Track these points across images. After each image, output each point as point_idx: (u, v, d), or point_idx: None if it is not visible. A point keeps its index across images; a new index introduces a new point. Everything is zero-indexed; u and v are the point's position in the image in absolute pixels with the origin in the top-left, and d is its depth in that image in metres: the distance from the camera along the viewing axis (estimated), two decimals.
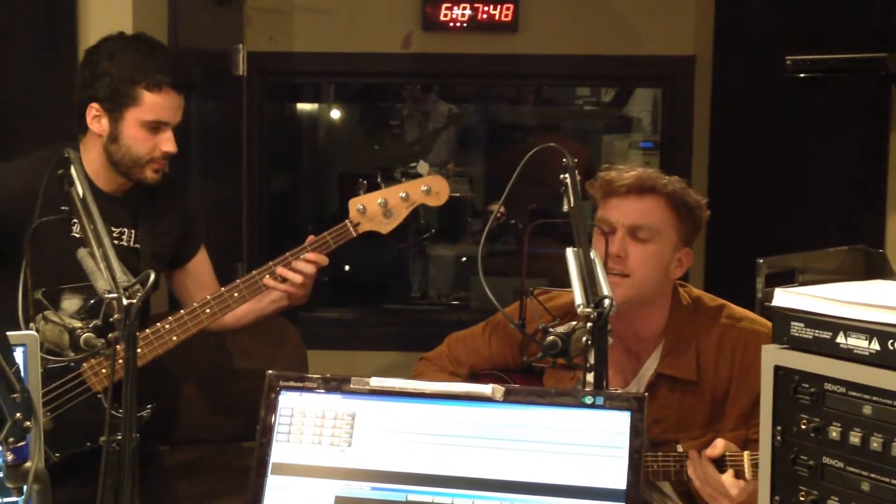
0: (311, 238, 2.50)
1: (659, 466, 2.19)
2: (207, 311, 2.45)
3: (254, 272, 2.48)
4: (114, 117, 2.42)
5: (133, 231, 2.53)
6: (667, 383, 2.28)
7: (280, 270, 2.47)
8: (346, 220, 2.49)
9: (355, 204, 2.49)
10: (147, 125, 2.42)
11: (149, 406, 2.33)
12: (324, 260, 2.49)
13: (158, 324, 2.43)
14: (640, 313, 2.30)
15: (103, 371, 2.36)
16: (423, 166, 2.53)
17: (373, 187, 2.53)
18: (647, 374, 2.31)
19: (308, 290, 2.52)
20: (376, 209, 2.48)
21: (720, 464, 2.08)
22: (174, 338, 2.42)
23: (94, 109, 2.44)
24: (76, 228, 2.36)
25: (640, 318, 2.30)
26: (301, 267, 2.47)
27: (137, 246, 2.52)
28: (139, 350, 2.30)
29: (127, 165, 2.45)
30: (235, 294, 2.46)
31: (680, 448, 2.23)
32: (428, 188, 2.50)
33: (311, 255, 2.47)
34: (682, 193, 2.29)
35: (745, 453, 2.06)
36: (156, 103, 2.41)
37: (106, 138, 2.44)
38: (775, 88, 3.34)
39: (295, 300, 2.54)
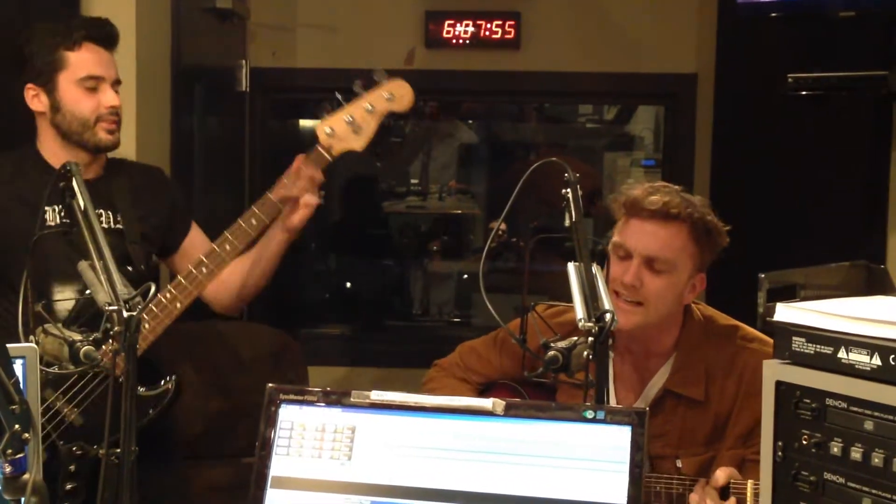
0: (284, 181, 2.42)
1: (662, 488, 2.18)
2: (204, 270, 2.37)
3: (238, 219, 2.39)
4: (49, 89, 2.42)
5: (112, 213, 2.48)
6: (673, 399, 2.27)
7: (273, 196, 2.39)
8: (317, 146, 2.43)
9: (323, 128, 2.43)
10: (82, 83, 2.41)
11: (170, 377, 2.33)
12: (318, 175, 2.42)
13: (158, 295, 2.33)
14: (651, 334, 2.29)
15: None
16: (380, 73, 2.48)
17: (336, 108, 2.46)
18: (655, 388, 2.30)
19: (310, 207, 2.42)
20: (345, 128, 2.43)
21: (723, 491, 2.08)
22: (178, 304, 2.36)
23: (30, 90, 2.44)
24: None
25: (650, 338, 2.30)
26: (294, 185, 2.40)
27: (120, 227, 2.47)
28: (147, 326, 2.28)
29: (77, 132, 2.43)
30: (227, 247, 2.38)
31: (679, 464, 2.22)
32: (391, 95, 2.45)
33: (306, 171, 2.39)
34: (706, 220, 2.24)
35: (749, 482, 2.05)
36: (81, 59, 2.42)
37: (49, 112, 2.44)
38: (777, 106, 3.35)
39: (296, 223, 2.43)
